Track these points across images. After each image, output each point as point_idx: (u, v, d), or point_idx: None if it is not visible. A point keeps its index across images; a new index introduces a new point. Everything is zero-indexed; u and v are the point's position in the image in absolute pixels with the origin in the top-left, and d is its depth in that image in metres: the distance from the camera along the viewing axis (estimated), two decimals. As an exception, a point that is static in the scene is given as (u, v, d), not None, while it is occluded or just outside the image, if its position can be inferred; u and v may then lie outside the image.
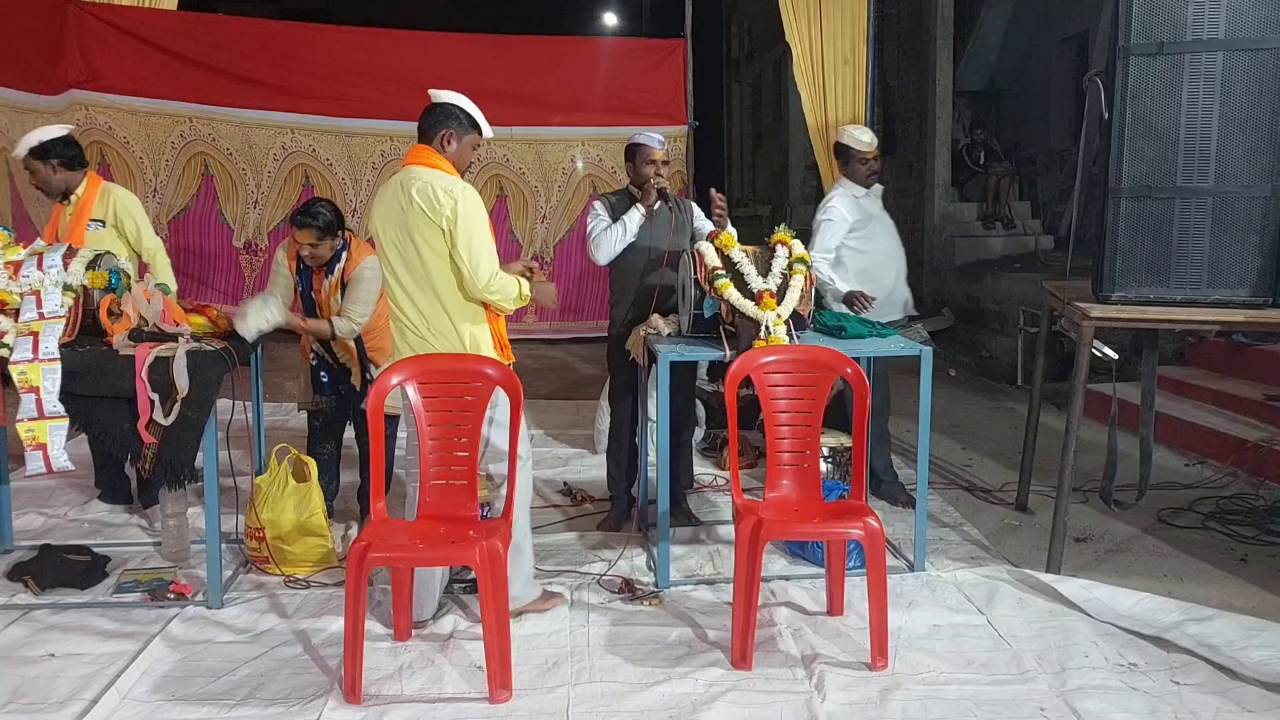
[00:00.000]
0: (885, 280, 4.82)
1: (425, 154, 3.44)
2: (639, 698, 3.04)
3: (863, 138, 4.87)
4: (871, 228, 4.85)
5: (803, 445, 3.61)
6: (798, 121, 13.23)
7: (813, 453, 3.62)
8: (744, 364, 3.59)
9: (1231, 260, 3.79)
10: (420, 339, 3.42)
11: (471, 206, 3.35)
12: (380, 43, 6.71)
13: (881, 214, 4.98)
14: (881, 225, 4.95)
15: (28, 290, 3.53)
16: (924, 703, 3.01)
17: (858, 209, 4.82)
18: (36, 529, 4.49)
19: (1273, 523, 4.52)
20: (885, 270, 4.86)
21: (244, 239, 6.61)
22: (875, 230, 4.87)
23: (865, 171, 4.89)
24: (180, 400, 3.47)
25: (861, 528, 3.21)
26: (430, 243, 3.33)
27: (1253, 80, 3.67)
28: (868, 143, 4.87)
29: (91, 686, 3.08)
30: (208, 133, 6.47)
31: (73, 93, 6.22)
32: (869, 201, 4.90)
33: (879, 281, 4.76)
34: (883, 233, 4.94)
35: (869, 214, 4.86)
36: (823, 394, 3.64)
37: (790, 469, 3.61)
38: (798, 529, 3.54)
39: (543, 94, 6.73)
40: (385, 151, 6.65)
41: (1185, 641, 3.35)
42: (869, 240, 4.83)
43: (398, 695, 3.06)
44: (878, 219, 4.93)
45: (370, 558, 3.01)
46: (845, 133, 4.93)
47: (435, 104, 3.53)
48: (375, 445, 3.34)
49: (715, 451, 5.82)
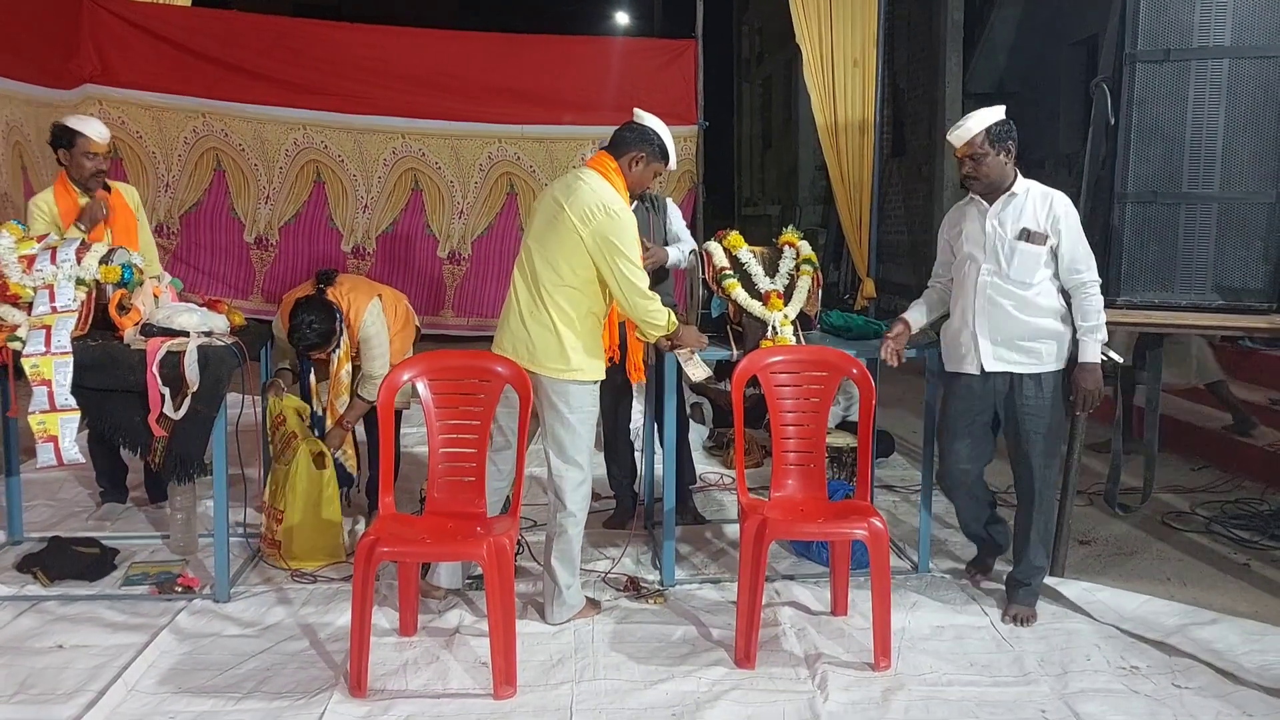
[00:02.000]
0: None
1: (608, 165, 3.48)
2: (642, 695, 3.06)
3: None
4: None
5: (809, 445, 3.63)
6: (808, 122, 13.23)
7: (818, 452, 3.64)
8: (751, 363, 3.61)
9: (1236, 265, 3.80)
10: (519, 321, 3.44)
11: (623, 231, 3.38)
12: (392, 40, 6.74)
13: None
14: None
15: (41, 284, 3.56)
16: (926, 704, 3.02)
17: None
18: (46, 521, 4.52)
19: (1277, 528, 4.52)
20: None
21: (255, 234, 6.64)
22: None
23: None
24: (190, 394, 3.50)
25: (866, 528, 3.23)
26: (564, 242, 3.37)
27: (1259, 87, 3.69)
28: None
29: (99, 678, 3.11)
30: (220, 128, 6.50)
31: (87, 87, 6.25)
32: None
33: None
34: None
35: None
36: (829, 394, 3.66)
37: (796, 469, 3.63)
38: (802, 529, 3.56)
39: (553, 93, 6.75)
40: (396, 149, 6.67)
41: (1187, 645, 3.36)
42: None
43: (403, 690, 3.09)
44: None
45: (378, 552, 3.04)
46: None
47: (638, 124, 3.55)
48: (385, 440, 3.36)
49: (722, 450, 5.84)
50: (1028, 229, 3.54)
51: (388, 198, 6.71)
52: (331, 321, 4.04)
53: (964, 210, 3.74)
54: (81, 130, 4.18)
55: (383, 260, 6.75)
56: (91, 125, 4.23)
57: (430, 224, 6.76)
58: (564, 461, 3.47)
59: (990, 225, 3.58)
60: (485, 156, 6.73)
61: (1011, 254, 3.55)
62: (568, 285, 3.39)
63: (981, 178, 3.56)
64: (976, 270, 3.61)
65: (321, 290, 4.11)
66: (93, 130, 4.21)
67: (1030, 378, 3.58)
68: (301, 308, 4.02)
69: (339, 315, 4.09)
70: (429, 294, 6.74)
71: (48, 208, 4.21)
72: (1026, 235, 3.54)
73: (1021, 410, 3.59)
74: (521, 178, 6.80)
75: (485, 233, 6.81)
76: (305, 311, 4.00)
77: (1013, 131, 3.56)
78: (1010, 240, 3.55)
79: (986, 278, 3.59)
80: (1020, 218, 3.55)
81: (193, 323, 3.63)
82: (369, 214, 6.70)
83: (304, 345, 4.05)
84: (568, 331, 3.40)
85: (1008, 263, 3.56)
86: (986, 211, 3.60)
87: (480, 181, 6.76)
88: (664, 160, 3.56)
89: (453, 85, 6.67)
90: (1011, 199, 3.58)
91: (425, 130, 6.66)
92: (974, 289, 3.62)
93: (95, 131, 4.21)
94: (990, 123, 3.52)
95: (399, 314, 4.38)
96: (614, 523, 4.57)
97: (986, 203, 3.62)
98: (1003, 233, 3.56)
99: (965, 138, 3.54)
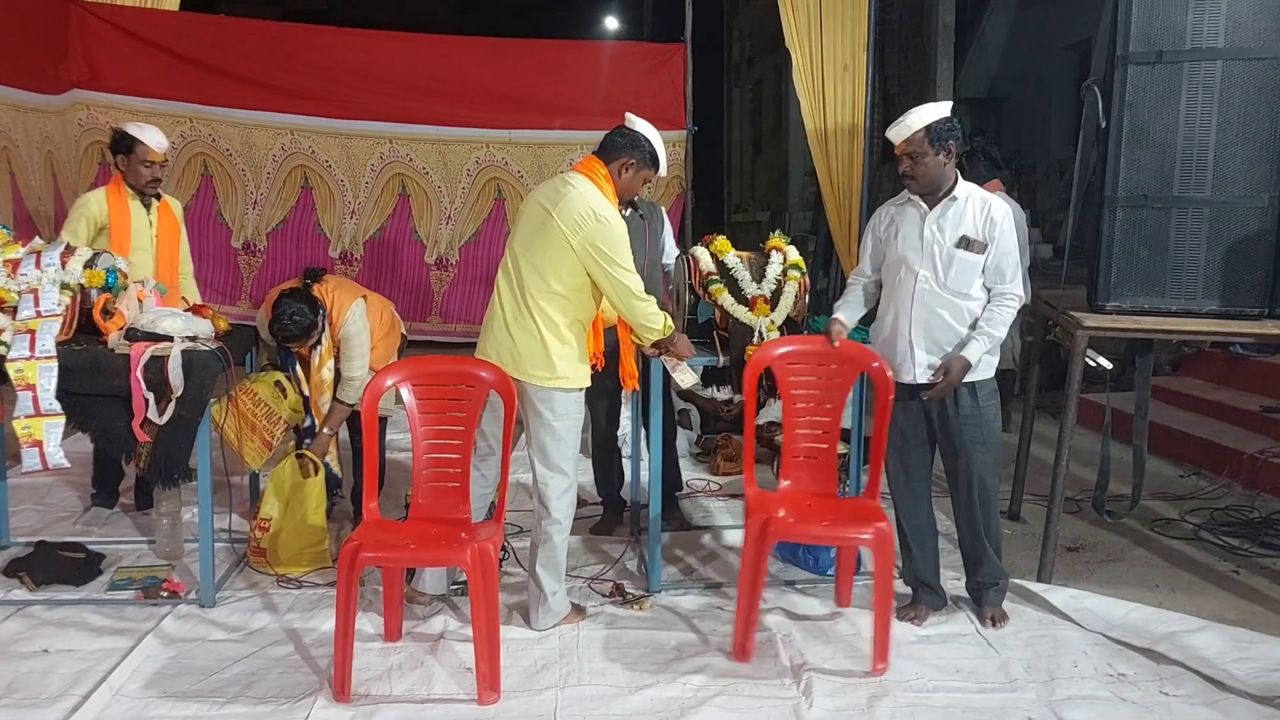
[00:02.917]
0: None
1: (598, 171, 3.46)
2: (627, 701, 3.05)
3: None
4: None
5: (821, 439, 3.60)
6: (798, 128, 13.26)
7: (831, 447, 3.61)
8: (763, 355, 3.60)
9: (1228, 271, 3.79)
10: (504, 327, 3.42)
11: (615, 237, 3.36)
12: (381, 45, 6.72)
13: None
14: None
15: (25, 288, 3.54)
16: (911, 710, 3.02)
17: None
18: (32, 526, 4.50)
19: (1266, 535, 4.52)
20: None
21: (243, 239, 6.61)
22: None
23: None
24: (175, 399, 3.49)
25: (872, 532, 3.21)
26: (552, 249, 3.35)
27: (1251, 90, 3.67)
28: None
29: (84, 682, 3.09)
30: (208, 133, 6.48)
31: (75, 92, 6.23)
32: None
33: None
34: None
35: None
36: (845, 388, 3.63)
37: (806, 462, 3.60)
38: (806, 531, 3.48)
39: (541, 97, 6.73)
40: (384, 154, 6.65)
41: (1175, 653, 3.35)
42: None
43: (387, 695, 3.07)
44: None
45: (362, 558, 3.03)
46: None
47: (629, 130, 3.53)
48: (368, 446, 3.35)
49: (709, 456, 5.83)
50: (967, 236, 3.42)
51: (375, 203, 6.69)
52: (314, 314, 4.03)
53: (901, 210, 3.56)
54: (141, 138, 4.25)
55: (370, 266, 6.73)
56: (151, 134, 4.29)
57: (418, 229, 6.75)
58: (549, 469, 3.45)
59: (929, 231, 3.45)
60: (473, 161, 6.72)
61: (949, 262, 3.42)
62: (555, 293, 3.37)
63: (919, 178, 3.42)
64: (914, 278, 3.46)
65: (308, 285, 4.11)
66: (152, 140, 4.27)
67: (965, 386, 3.45)
68: (286, 298, 4.02)
69: (322, 310, 4.09)
70: (416, 300, 6.71)
71: (97, 207, 4.27)
72: (965, 243, 3.42)
73: (956, 420, 3.48)
74: (509, 183, 6.78)
75: (473, 239, 6.79)
76: (289, 301, 4.00)
77: (955, 131, 3.41)
78: (949, 248, 3.43)
79: (924, 285, 3.45)
80: (960, 224, 3.43)
81: (177, 327, 3.62)
82: (356, 219, 6.68)
83: (284, 335, 4.04)
84: (553, 339, 3.38)
85: (945, 271, 3.43)
86: (925, 215, 3.47)
87: (468, 187, 6.74)
88: (654, 167, 3.55)
89: (440, 90, 6.65)
90: (951, 204, 3.45)
91: (413, 135, 6.64)
92: (910, 297, 3.47)
93: (154, 141, 4.28)
94: (931, 120, 3.39)
95: (383, 320, 4.37)
96: (601, 529, 4.56)
97: (926, 205, 3.48)
98: (941, 239, 3.44)
99: (904, 135, 3.40)
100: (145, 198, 4.37)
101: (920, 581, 3.70)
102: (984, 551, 3.60)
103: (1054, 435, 4.13)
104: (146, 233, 4.36)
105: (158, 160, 4.32)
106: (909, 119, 3.41)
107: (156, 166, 4.33)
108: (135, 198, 4.34)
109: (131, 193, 4.33)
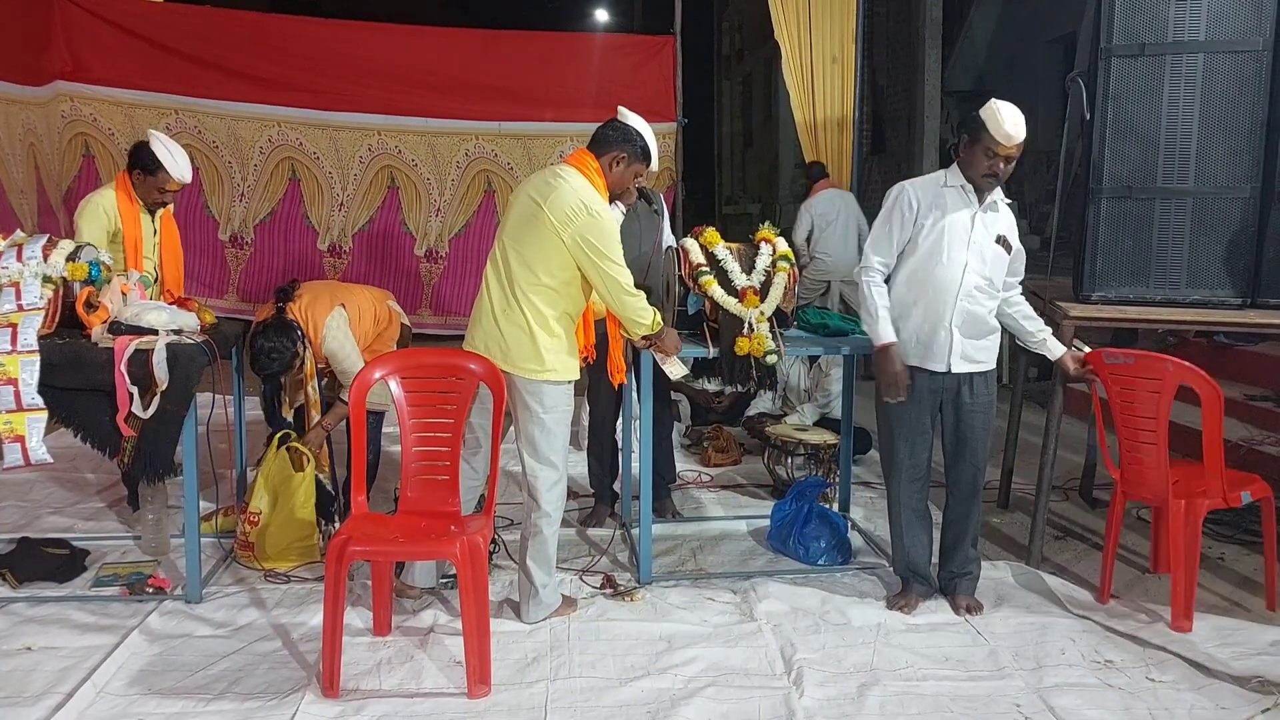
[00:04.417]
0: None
1: (588, 164, 3.42)
2: (618, 693, 3.04)
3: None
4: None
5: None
6: (788, 120, 13.27)
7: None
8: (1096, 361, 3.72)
9: (1211, 261, 3.83)
10: (492, 320, 3.39)
11: (605, 231, 3.33)
12: (369, 37, 6.70)
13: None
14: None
15: (6, 281, 3.49)
16: (901, 699, 3.02)
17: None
18: (15, 522, 4.47)
19: (1250, 522, 4.54)
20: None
21: (229, 232, 6.59)
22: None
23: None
24: (160, 393, 3.46)
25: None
26: (542, 243, 3.32)
27: (1233, 82, 3.71)
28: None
29: (68, 680, 3.06)
30: (193, 125, 6.45)
31: (58, 84, 6.20)
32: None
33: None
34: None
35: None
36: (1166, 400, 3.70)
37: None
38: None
39: (531, 89, 6.72)
40: (373, 146, 6.63)
41: (1161, 639, 3.38)
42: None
43: (376, 690, 3.06)
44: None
45: (350, 551, 3.01)
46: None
47: (621, 124, 3.48)
48: (357, 440, 3.34)
49: (699, 448, 5.83)
50: (1004, 236, 3.50)
51: (364, 195, 6.67)
52: (292, 345, 3.96)
53: (943, 194, 3.47)
54: (167, 167, 4.17)
55: (359, 258, 6.72)
56: (178, 165, 4.21)
57: (407, 222, 6.73)
58: (538, 462, 3.44)
59: (979, 225, 3.46)
60: (462, 154, 6.70)
61: (992, 258, 3.49)
62: (544, 286, 3.35)
63: (1004, 179, 3.43)
64: (961, 269, 3.44)
65: (281, 310, 4.02)
66: (176, 171, 4.20)
67: (980, 375, 3.55)
68: (259, 336, 3.95)
69: (299, 335, 4.00)
70: (406, 292, 6.70)
71: (113, 210, 4.21)
72: (1003, 242, 3.50)
73: (970, 408, 3.55)
74: (499, 175, 6.77)
75: (463, 231, 6.78)
76: (263, 340, 3.93)
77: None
78: (991, 244, 3.49)
79: (974, 278, 3.46)
80: (997, 223, 3.50)
81: (161, 320, 3.58)
82: (345, 212, 6.66)
83: (266, 375, 4.03)
84: (542, 332, 3.36)
85: (988, 265, 3.49)
86: (974, 209, 3.46)
87: (457, 179, 6.73)
88: (645, 162, 3.52)
89: (430, 81, 6.64)
90: (994, 203, 3.51)
91: (402, 127, 6.63)
92: (958, 287, 3.45)
93: (178, 173, 4.22)
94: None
95: (377, 319, 4.30)
96: (592, 520, 4.55)
97: (977, 200, 3.47)
98: (986, 235, 3.48)
99: (1021, 138, 3.31)
100: (149, 209, 4.34)
101: (912, 571, 3.71)
102: (963, 538, 3.66)
103: (1042, 424, 4.15)
104: (150, 240, 4.34)
105: (176, 190, 4.28)
106: (1021, 123, 3.32)
107: (171, 194, 4.31)
108: (142, 207, 4.31)
109: (139, 202, 4.29)
